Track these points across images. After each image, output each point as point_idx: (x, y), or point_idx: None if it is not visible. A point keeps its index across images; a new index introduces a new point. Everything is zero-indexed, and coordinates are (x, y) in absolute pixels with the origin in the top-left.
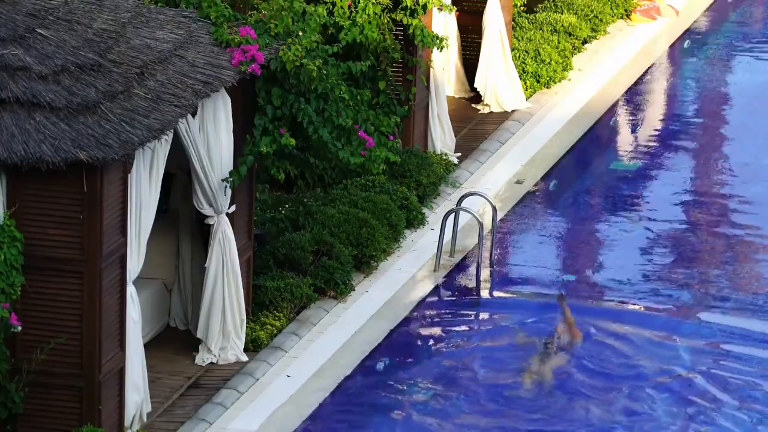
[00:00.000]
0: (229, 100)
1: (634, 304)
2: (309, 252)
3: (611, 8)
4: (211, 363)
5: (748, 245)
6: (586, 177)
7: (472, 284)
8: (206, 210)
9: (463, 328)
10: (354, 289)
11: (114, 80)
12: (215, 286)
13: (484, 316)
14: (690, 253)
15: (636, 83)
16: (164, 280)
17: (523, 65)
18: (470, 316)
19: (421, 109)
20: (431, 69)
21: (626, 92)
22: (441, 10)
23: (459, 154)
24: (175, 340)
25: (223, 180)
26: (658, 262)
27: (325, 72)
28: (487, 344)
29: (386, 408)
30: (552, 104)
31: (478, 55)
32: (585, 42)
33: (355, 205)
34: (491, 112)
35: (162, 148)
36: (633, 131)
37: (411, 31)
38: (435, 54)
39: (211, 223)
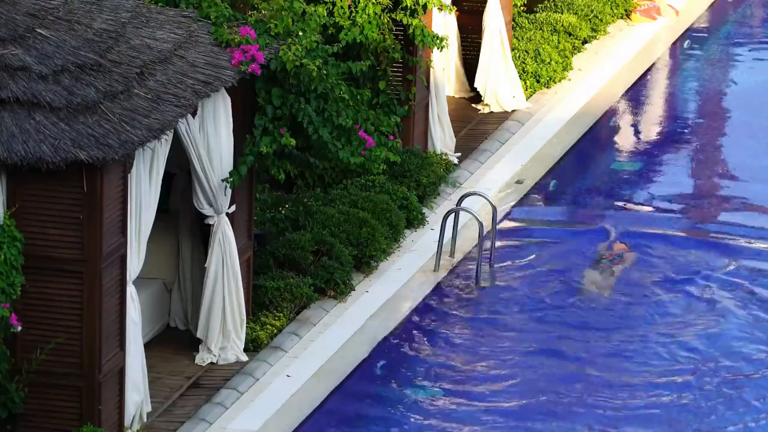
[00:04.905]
0: (229, 100)
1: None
2: (309, 252)
3: (611, 8)
4: (211, 363)
5: (747, 245)
6: (586, 177)
7: (472, 284)
8: (206, 210)
9: (463, 327)
10: (354, 289)
11: (114, 80)
12: (215, 286)
13: (483, 315)
14: (689, 254)
15: (636, 83)
16: (164, 280)
17: (523, 65)
18: (470, 315)
19: (421, 109)
20: (431, 69)
21: (626, 92)
22: (441, 10)
23: (459, 154)
24: (175, 340)
25: (223, 180)
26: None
27: (325, 72)
28: (486, 344)
29: (386, 408)
30: (552, 104)
31: (478, 55)
32: (585, 42)
33: (355, 205)
34: (491, 112)
35: (162, 148)
36: (633, 131)
37: (411, 31)
38: (435, 54)
39: (211, 223)
